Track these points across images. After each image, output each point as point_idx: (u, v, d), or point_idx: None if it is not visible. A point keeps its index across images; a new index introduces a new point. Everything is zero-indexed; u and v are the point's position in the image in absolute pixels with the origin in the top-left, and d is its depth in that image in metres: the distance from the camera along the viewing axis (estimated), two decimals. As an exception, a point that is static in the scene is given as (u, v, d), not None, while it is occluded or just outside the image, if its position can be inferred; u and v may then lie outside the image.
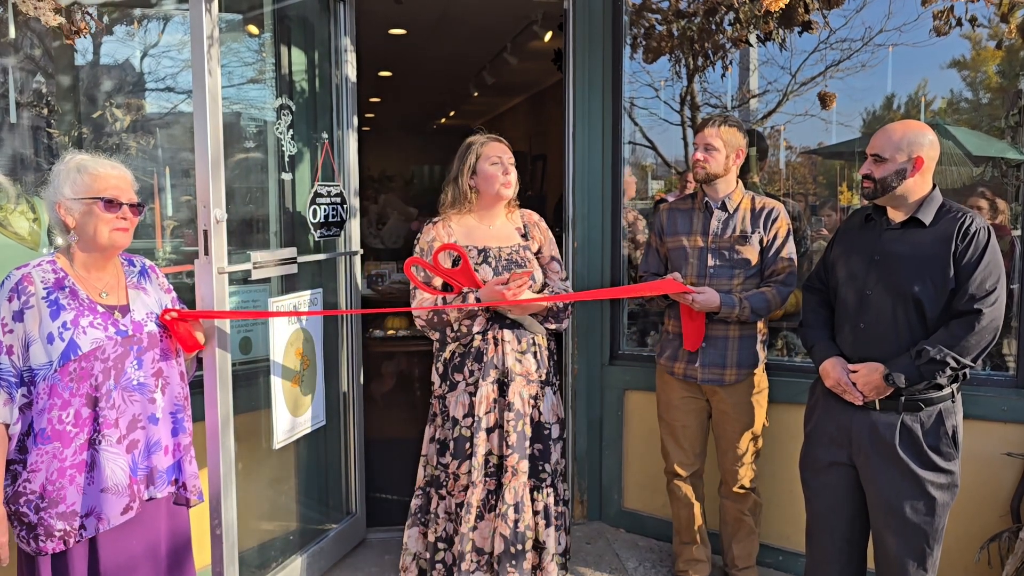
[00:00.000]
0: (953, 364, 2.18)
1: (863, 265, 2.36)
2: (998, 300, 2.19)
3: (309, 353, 2.97)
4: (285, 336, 2.82)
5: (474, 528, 2.72)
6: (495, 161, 2.76)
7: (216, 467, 2.39)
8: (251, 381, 2.88)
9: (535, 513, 2.76)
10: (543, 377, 2.78)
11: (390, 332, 4.97)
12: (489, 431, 2.72)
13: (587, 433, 3.70)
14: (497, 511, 2.71)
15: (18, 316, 1.90)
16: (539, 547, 2.77)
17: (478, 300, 2.65)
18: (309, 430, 2.99)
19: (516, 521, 2.70)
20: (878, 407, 2.30)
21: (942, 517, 2.28)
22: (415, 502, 2.89)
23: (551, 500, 2.78)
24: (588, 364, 3.67)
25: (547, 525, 2.77)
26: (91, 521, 1.94)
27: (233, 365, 2.44)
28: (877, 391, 2.27)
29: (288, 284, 3.04)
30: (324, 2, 3.28)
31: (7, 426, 1.91)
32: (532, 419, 2.76)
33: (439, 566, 2.79)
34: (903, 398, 2.27)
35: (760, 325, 2.92)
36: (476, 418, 2.70)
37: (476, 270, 2.71)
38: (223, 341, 2.37)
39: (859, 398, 2.31)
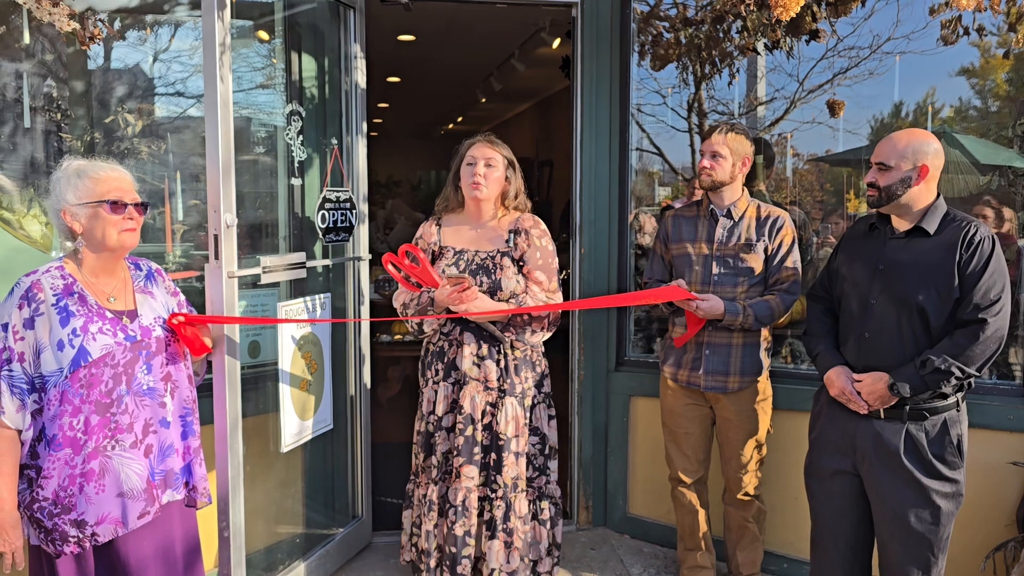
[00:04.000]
0: (958, 374, 2.18)
1: (867, 274, 2.36)
2: (1003, 309, 2.19)
3: (317, 357, 2.99)
4: (293, 341, 2.84)
5: (436, 525, 2.79)
6: (470, 162, 2.79)
7: (224, 470, 2.41)
8: (259, 385, 2.90)
9: (483, 523, 2.76)
10: (504, 386, 2.75)
11: (397, 337, 4.99)
12: (449, 431, 2.77)
13: (592, 439, 3.70)
14: (442, 509, 2.78)
15: (29, 323, 1.92)
16: (482, 557, 2.77)
17: (432, 300, 2.70)
18: (316, 434, 3.00)
19: (453, 523, 2.72)
20: (882, 416, 2.30)
21: (947, 526, 2.27)
22: (408, 486, 2.98)
23: (500, 513, 2.73)
24: (594, 370, 3.68)
25: (491, 537, 2.73)
26: (105, 527, 1.95)
27: (241, 369, 2.47)
28: (882, 400, 2.27)
29: (297, 289, 3.06)
30: (334, 9, 3.31)
31: (19, 432, 1.94)
32: (490, 428, 2.75)
33: (413, 549, 2.91)
34: (908, 407, 2.27)
35: (764, 332, 2.92)
36: (436, 416, 2.78)
37: (444, 271, 2.74)
38: (232, 345, 2.39)
39: (863, 407, 2.32)
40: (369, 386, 3.51)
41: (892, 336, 2.29)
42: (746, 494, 2.99)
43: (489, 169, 2.77)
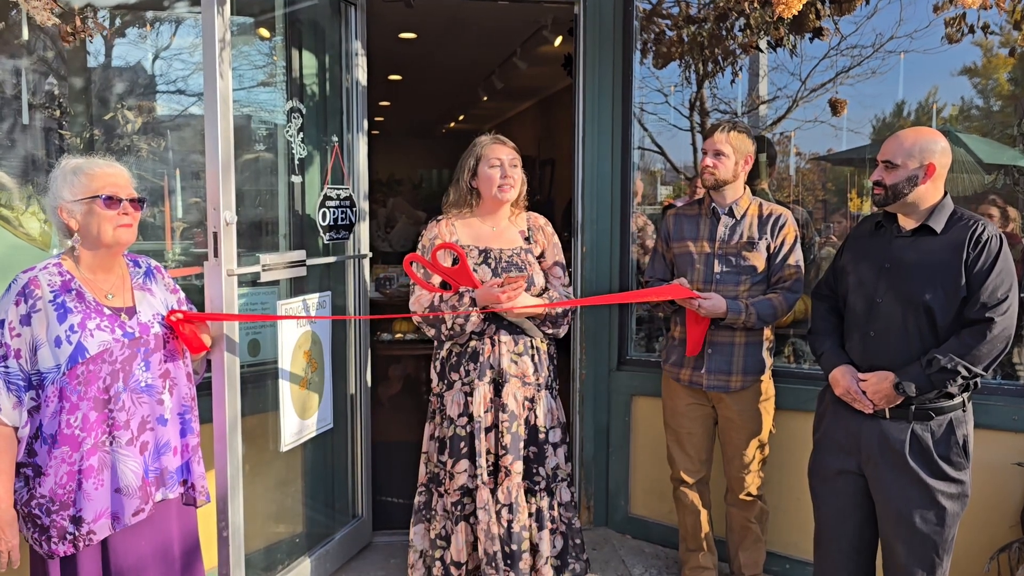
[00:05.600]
0: (964, 373, 2.16)
1: (873, 273, 2.35)
2: (1010, 309, 2.17)
3: (317, 356, 2.98)
4: (293, 339, 2.82)
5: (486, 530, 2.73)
6: (494, 163, 2.77)
7: (224, 469, 2.39)
8: (259, 383, 2.89)
9: (529, 515, 2.77)
10: (540, 380, 2.78)
11: (397, 336, 4.97)
12: (487, 431, 2.74)
13: (594, 439, 3.69)
14: (494, 509, 2.73)
15: (25, 320, 1.91)
16: (534, 550, 2.78)
17: (474, 300, 2.65)
18: (316, 433, 2.99)
19: (510, 521, 2.70)
20: (888, 416, 2.29)
21: (952, 527, 2.26)
22: (418, 499, 2.90)
23: (545, 504, 2.77)
24: (596, 369, 3.66)
25: (540, 528, 2.76)
26: (102, 524, 1.95)
27: (241, 367, 2.45)
28: (887, 400, 2.26)
29: (297, 287, 3.05)
30: (335, 6, 3.29)
31: (16, 429, 1.93)
32: (528, 422, 2.76)
33: (438, 563, 2.81)
34: (913, 407, 2.25)
35: (767, 332, 2.91)
36: (474, 418, 2.72)
37: (475, 270, 2.71)
38: (231, 343, 2.37)
39: (869, 406, 2.30)
40: (370, 385, 3.50)
41: (898, 335, 2.27)
42: (748, 494, 2.98)
43: (514, 169, 2.79)
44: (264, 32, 3.24)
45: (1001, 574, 2.78)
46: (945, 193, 2.31)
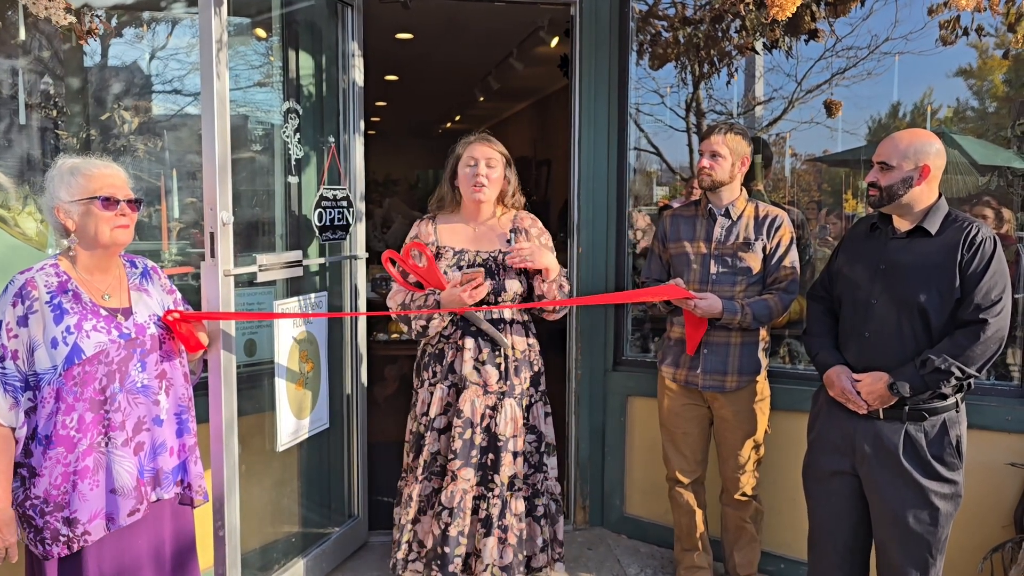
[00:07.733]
0: (958, 374, 2.17)
1: (868, 274, 2.36)
2: (1004, 310, 2.19)
3: (313, 356, 2.98)
4: (290, 339, 2.82)
5: (416, 520, 2.78)
6: (470, 163, 2.75)
7: (220, 469, 2.40)
8: (255, 383, 2.89)
9: (478, 521, 2.76)
10: (505, 389, 2.74)
11: (394, 336, 4.97)
12: (441, 432, 2.76)
13: (590, 439, 3.69)
14: (434, 510, 2.75)
15: (22, 321, 1.91)
16: (476, 554, 2.76)
17: (438, 303, 2.66)
18: (312, 433, 2.99)
19: (448, 525, 2.70)
20: (882, 416, 2.30)
21: (945, 527, 2.27)
22: (400, 484, 2.95)
23: (496, 512, 2.73)
24: (591, 370, 3.67)
25: (486, 535, 2.72)
26: (97, 524, 1.95)
27: (238, 368, 2.45)
28: (881, 400, 2.27)
29: (293, 287, 3.05)
30: (332, 6, 3.29)
31: (13, 430, 1.93)
32: (489, 430, 2.74)
33: (404, 546, 2.87)
34: (907, 407, 2.26)
35: (762, 332, 2.92)
36: (428, 418, 2.75)
37: (445, 272, 2.71)
38: (228, 343, 2.37)
39: (863, 407, 2.31)
40: (365, 385, 3.50)
41: (893, 336, 2.28)
42: (744, 494, 2.99)
43: (490, 169, 2.75)
44: (261, 33, 3.24)
45: (994, 574, 2.79)
46: (940, 195, 2.32)
